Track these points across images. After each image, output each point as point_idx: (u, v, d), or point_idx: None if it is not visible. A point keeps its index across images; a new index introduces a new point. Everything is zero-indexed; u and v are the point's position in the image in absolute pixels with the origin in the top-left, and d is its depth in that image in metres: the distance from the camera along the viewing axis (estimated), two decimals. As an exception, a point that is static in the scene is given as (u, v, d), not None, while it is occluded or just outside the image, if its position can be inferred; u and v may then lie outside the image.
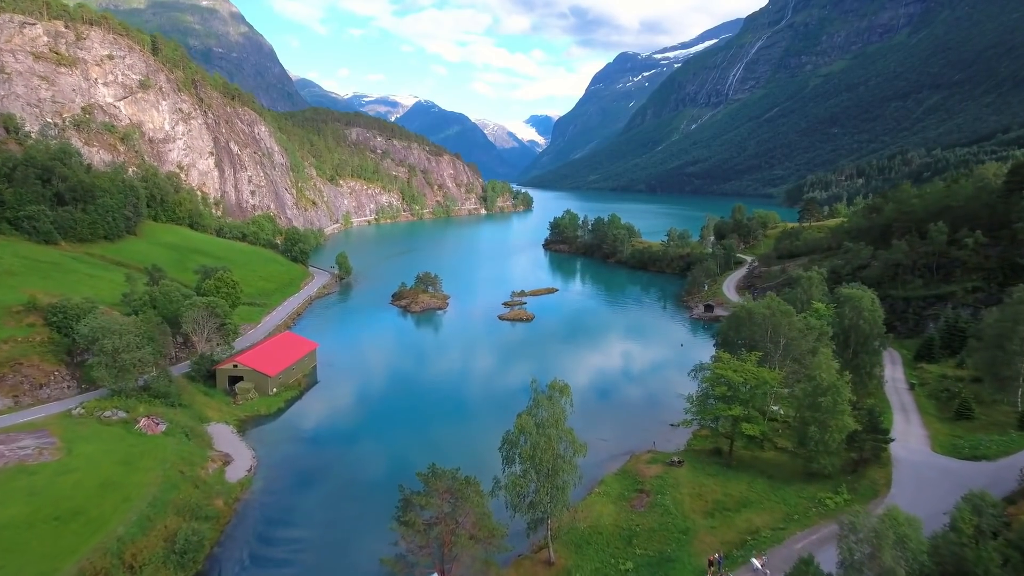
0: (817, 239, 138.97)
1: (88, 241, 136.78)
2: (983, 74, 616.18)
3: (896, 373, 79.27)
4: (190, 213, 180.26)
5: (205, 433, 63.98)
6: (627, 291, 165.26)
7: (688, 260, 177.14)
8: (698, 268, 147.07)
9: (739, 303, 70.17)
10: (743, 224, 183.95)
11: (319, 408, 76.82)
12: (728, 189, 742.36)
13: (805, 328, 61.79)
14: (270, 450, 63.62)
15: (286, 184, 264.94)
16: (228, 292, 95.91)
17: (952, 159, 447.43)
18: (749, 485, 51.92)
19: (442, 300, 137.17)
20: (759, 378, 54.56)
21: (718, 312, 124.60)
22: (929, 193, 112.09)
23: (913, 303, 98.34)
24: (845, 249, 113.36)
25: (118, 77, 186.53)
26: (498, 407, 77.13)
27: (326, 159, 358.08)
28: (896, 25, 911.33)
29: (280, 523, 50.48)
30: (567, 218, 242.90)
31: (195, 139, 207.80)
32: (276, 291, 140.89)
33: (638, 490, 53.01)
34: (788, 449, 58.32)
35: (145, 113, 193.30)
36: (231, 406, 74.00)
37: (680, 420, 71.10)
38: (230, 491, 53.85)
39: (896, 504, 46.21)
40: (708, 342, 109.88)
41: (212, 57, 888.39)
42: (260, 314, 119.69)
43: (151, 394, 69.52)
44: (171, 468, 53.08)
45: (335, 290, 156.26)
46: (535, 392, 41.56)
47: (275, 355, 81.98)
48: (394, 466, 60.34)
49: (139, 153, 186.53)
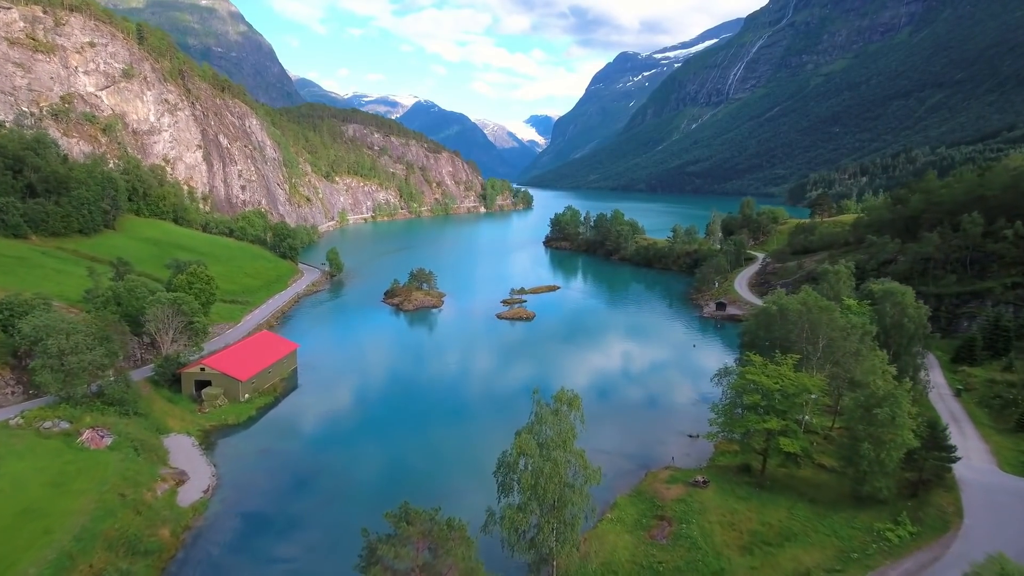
0: (834, 233, 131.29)
1: (61, 235, 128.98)
2: (985, 73, 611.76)
3: (935, 377, 71.42)
4: (174, 207, 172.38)
5: (160, 447, 56.09)
6: (631, 289, 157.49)
7: (695, 257, 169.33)
8: (708, 265, 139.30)
9: (770, 298, 62.03)
10: (752, 219, 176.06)
11: (296, 416, 68.92)
12: (729, 189, 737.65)
13: (848, 327, 53.82)
14: (235, 466, 55.74)
15: (278, 179, 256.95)
16: (202, 288, 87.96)
17: (958, 157, 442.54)
18: (789, 512, 44.11)
19: (437, 298, 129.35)
20: (799, 385, 46.78)
21: (731, 310, 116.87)
22: (959, 183, 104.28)
23: (946, 300, 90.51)
24: (868, 243, 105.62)
25: (100, 65, 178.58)
26: (496, 414, 69.35)
27: (322, 155, 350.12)
28: (897, 24, 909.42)
29: (238, 554, 42.66)
30: (568, 214, 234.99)
31: (182, 131, 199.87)
32: (261, 288, 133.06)
33: (658, 516, 45.20)
34: (829, 467, 50.52)
35: (129, 103, 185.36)
36: (196, 414, 66.12)
37: (699, 432, 63.69)
38: (180, 517, 45.98)
39: (969, 536, 38.55)
40: (722, 342, 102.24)
41: (211, 56, 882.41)
42: (242, 312, 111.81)
43: (104, 401, 61.67)
44: (110, 490, 45.20)
45: (325, 287, 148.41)
46: (538, 405, 33.75)
47: (249, 357, 74.08)
48: (377, 486, 52.56)
49: (122, 145, 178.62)
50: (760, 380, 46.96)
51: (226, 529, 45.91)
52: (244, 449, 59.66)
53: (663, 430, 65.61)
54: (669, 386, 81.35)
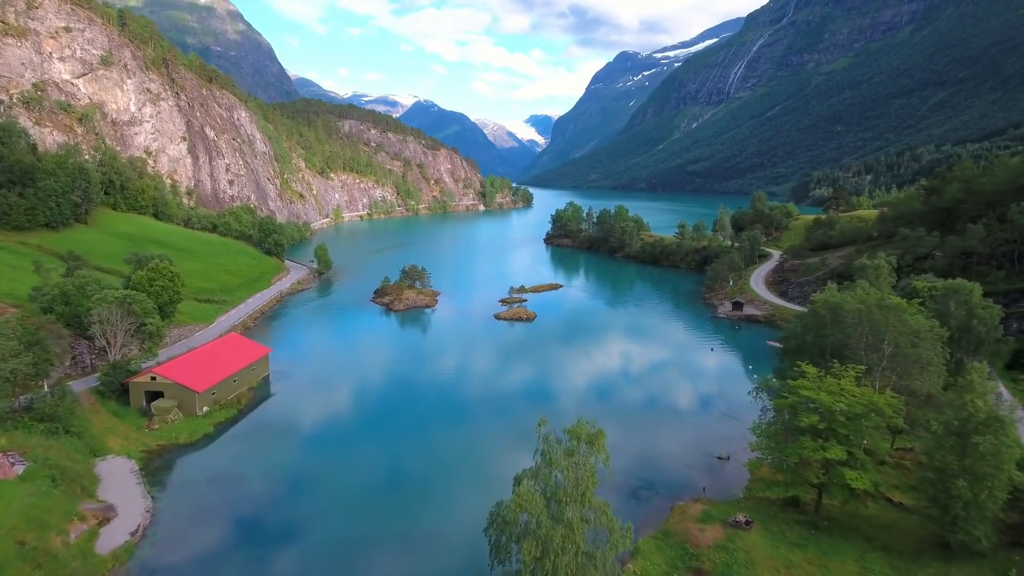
0: (856, 228, 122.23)
1: (25, 229, 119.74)
2: (988, 71, 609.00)
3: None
4: (155, 201, 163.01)
5: (89, 474, 46.83)
6: (637, 287, 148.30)
7: (705, 254, 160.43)
8: (720, 262, 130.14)
9: (820, 297, 52.74)
10: (765, 214, 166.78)
11: (260, 434, 59.53)
12: (730, 188, 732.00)
13: (917, 331, 44.47)
14: (177, 497, 46.51)
15: (269, 174, 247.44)
16: (164, 286, 78.67)
17: (964, 155, 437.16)
18: (861, 564, 34.98)
19: (430, 297, 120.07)
20: (867, 403, 37.63)
21: (749, 310, 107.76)
22: (1002, 169, 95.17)
23: (993, 299, 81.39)
24: (901, 236, 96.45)
25: (76, 52, 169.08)
26: (497, 434, 60.20)
27: (316, 151, 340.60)
28: (899, 22, 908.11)
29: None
30: (570, 211, 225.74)
31: (165, 122, 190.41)
32: (241, 287, 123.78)
33: (693, 569, 36.04)
34: (898, 502, 41.36)
35: (107, 92, 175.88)
36: (143, 431, 56.87)
37: (727, 452, 54.63)
38: (95, 568, 36.74)
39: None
40: (742, 346, 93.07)
41: (210, 55, 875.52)
42: (216, 312, 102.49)
43: (33, 417, 52.48)
44: (5, 536, 35.92)
45: (312, 286, 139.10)
46: (545, 442, 24.63)
47: (210, 364, 64.79)
48: (350, 528, 43.35)
49: (99, 136, 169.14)
50: (818, 398, 37.84)
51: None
52: (192, 475, 50.36)
53: (686, 450, 56.46)
54: (687, 396, 72.22)
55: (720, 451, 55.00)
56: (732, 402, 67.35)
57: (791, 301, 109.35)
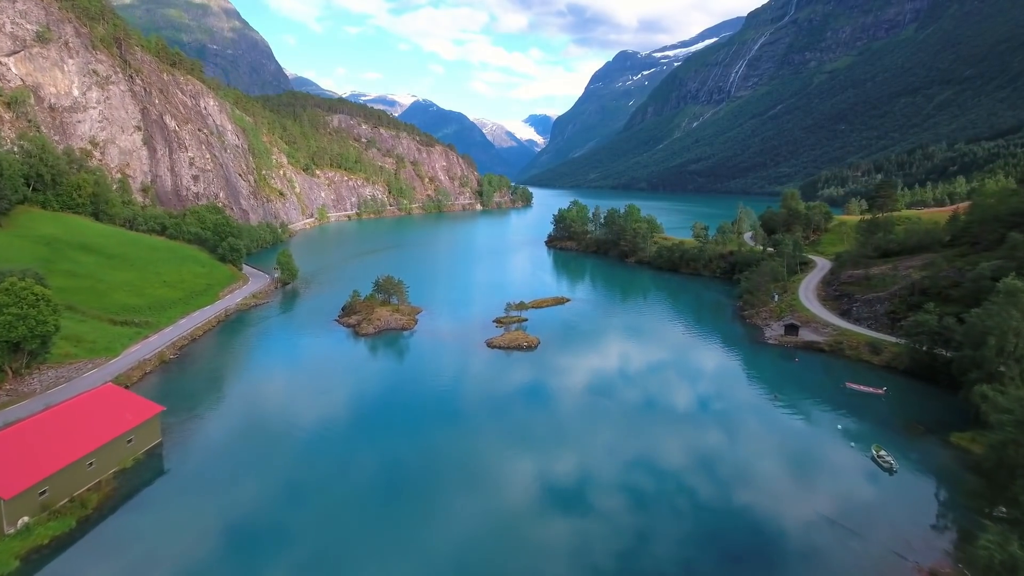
0: (930, 230, 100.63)
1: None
2: (995, 69, 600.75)
3: None
4: (94, 199, 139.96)
5: None
6: (656, 301, 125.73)
7: (732, 260, 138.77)
8: (759, 271, 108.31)
9: None
10: (801, 214, 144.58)
11: (117, 557, 37.07)
12: (732, 187, 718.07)
13: None
14: None
15: (241, 170, 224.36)
16: (21, 314, 56.10)
17: (980, 153, 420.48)
18: None
19: (409, 316, 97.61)
20: None
21: (806, 335, 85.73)
22: None
23: None
24: (1011, 243, 74.71)
25: (5, 26, 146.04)
26: (485, 542, 37.98)
27: (301, 145, 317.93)
28: (902, 20, 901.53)
29: None
30: (575, 211, 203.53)
31: (115, 109, 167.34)
32: (178, 303, 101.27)
33: None
34: None
35: (45, 73, 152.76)
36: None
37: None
38: None
39: None
40: (808, 387, 70.35)
41: (207, 54, 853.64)
42: (130, 339, 79.86)
43: None
44: None
45: (270, 300, 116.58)
46: None
47: (45, 442, 42.19)
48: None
49: (33, 123, 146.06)
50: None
51: None
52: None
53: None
54: (777, 487, 49.99)
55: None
56: (840, 500, 45.33)
57: (858, 323, 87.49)
